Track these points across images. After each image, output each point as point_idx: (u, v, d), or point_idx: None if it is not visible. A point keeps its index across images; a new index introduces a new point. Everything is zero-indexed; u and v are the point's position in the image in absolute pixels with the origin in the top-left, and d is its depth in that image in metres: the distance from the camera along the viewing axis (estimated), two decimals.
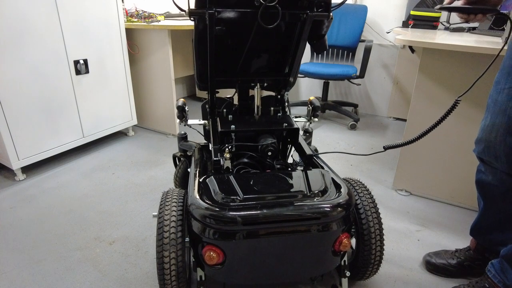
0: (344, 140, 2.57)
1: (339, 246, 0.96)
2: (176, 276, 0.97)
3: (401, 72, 2.84)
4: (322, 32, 1.21)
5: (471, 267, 1.25)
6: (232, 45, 1.23)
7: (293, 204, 0.92)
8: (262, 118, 1.35)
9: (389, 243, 1.45)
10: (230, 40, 1.21)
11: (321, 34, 1.22)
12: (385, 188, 1.89)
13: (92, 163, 2.15)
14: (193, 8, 1.03)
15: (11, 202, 1.73)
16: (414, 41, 1.56)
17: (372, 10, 2.83)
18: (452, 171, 1.64)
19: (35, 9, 1.77)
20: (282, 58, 1.31)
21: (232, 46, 1.23)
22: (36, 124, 1.91)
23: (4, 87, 1.73)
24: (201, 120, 1.51)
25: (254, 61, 1.31)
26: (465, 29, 2.23)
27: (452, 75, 1.52)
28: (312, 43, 1.26)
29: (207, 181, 1.01)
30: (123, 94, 2.40)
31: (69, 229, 1.54)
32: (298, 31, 1.19)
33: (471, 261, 1.25)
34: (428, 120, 1.64)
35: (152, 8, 2.53)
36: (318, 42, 1.25)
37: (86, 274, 1.28)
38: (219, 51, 1.23)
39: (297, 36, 1.21)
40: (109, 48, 2.21)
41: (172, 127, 2.57)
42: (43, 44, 1.84)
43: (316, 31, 1.20)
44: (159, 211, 1.03)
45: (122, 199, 1.77)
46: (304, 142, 1.30)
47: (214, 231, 0.88)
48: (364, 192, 1.14)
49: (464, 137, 1.55)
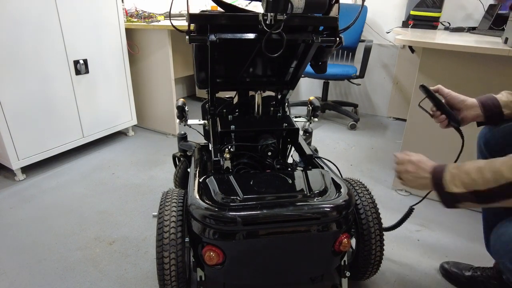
0: (344, 140, 2.57)
1: (339, 246, 0.96)
2: (176, 276, 0.97)
3: (401, 72, 2.84)
4: (325, 58, 1.17)
5: (484, 285, 1.16)
6: (233, 59, 1.22)
7: (293, 204, 0.92)
8: (262, 118, 1.35)
9: (389, 243, 1.45)
10: (231, 55, 1.21)
11: (322, 60, 1.18)
12: (385, 188, 1.89)
13: (92, 163, 2.15)
14: (193, 35, 0.98)
15: (11, 202, 1.73)
16: (414, 41, 1.56)
17: (372, 10, 2.83)
18: None
19: (35, 9, 1.77)
20: (284, 69, 1.30)
21: (233, 60, 1.23)
22: (36, 124, 1.91)
23: (4, 87, 1.73)
24: (201, 120, 1.51)
25: (255, 71, 1.30)
26: (465, 29, 2.23)
27: (452, 75, 1.52)
28: (312, 64, 1.23)
29: (207, 181, 1.01)
30: (123, 94, 2.40)
31: (69, 229, 1.54)
32: (302, 51, 1.17)
33: (487, 279, 1.16)
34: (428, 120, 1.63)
35: (152, 8, 2.52)
36: (318, 65, 1.21)
37: (86, 274, 1.28)
38: (220, 63, 1.23)
39: (301, 56, 1.19)
40: (109, 48, 2.21)
41: (172, 127, 2.57)
42: (43, 44, 1.84)
43: (318, 56, 1.16)
44: (159, 211, 1.03)
45: (122, 199, 1.77)
46: (304, 142, 1.30)
47: (214, 231, 0.88)
48: (364, 192, 1.14)
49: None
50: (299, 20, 0.98)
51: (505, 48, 1.29)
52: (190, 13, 0.95)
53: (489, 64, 1.42)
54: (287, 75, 1.30)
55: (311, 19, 1.00)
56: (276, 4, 0.88)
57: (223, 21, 0.97)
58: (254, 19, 0.94)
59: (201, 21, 0.98)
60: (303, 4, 0.90)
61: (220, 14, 0.97)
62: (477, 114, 0.95)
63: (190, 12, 0.95)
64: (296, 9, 0.90)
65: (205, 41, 0.98)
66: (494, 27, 2.00)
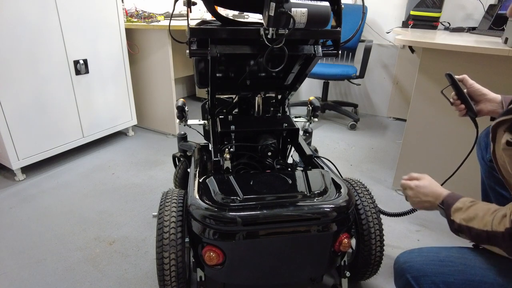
0: (344, 140, 2.57)
1: (339, 246, 0.96)
2: (176, 277, 0.97)
3: (401, 72, 2.84)
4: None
5: None
6: (233, 66, 1.22)
7: (293, 204, 0.92)
8: (262, 118, 1.35)
9: (389, 243, 1.45)
10: (232, 62, 1.21)
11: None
12: (385, 188, 1.89)
13: (92, 163, 2.15)
14: (194, 49, 0.97)
15: (11, 202, 1.73)
16: (414, 41, 1.56)
17: (372, 10, 2.83)
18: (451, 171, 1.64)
19: (35, 9, 1.77)
20: (285, 74, 1.30)
21: (233, 66, 1.23)
22: (36, 124, 1.91)
23: (4, 87, 1.73)
24: (201, 120, 1.51)
25: (255, 76, 1.30)
26: (465, 29, 2.23)
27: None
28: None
29: (207, 182, 1.01)
30: (123, 94, 2.40)
31: (69, 229, 1.54)
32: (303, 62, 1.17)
33: None
34: (428, 120, 1.64)
35: (152, 8, 2.52)
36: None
37: (86, 274, 1.28)
38: (221, 71, 1.23)
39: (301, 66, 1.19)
40: (109, 48, 2.21)
41: (172, 127, 2.57)
42: (43, 44, 1.84)
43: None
44: (159, 211, 1.03)
45: (122, 199, 1.77)
46: (304, 142, 1.30)
47: (214, 231, 0.88)
48: (364, 192, 1.14)
49: (464, 137, 1.55)
50: (301, 34, 0.96)
51: (505, 48, 1.29)
52: (191, 27, 0.94)
53: (489, 64, 1.42)
54: (287, 79, 1.30)
55: (313, 32, 0.99)
56: (278, 20, 0.86)
57: (224, 36, 0.96)
58: (256, 34, 0.92)
59: (202, 35, 0.96)
60: (305, 19, 0.88)
61: (221, 29, 0.96)
62: (493, 109, 0.96)
63: (191, 26, 0.94)
64: (298, 24, 0.88)
65: (205, 55, 0.97)
66: (494, 27, 2.00)
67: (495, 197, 1.00)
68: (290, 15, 0.85)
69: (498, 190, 0.98)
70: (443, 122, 1.57)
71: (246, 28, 0.95)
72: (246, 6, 1.00)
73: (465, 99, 0.97)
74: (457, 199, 0.79)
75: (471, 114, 0.98)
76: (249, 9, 1.00)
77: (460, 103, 0.99)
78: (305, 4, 0.87)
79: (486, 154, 0.99)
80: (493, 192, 1.00)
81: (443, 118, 1.59)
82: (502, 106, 0.95)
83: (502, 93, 0.98)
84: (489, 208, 0.72)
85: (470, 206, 0.75)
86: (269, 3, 0.84)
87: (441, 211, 0.84)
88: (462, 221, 0.75)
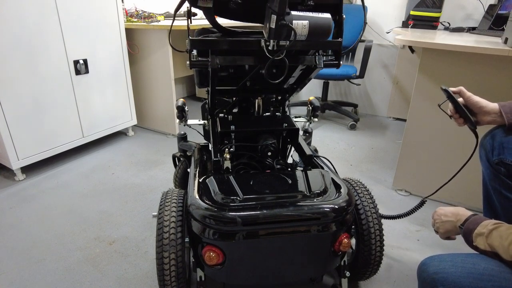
0: (344, 140, 2.57)
1: (339, 246, 0.96)
2: (176, 277, 0.97)
3: (401, 72, 2.84)
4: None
5: None
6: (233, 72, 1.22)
7: (293, 204, 0.92)
8: (262, 118, 1.35)
9: (389, 243, 1.45)
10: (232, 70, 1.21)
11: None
12: (385, 188, 1.89)
13: (91, 163, 2.15)
14: (194, 60, 0.96)
15: (10, 202, 1.73)
16: (414, 41, 1.56)
17: (372, 10, 2.83)
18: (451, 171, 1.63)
19: (35, 9, 1.77)
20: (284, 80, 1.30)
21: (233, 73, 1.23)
22: (36, 124, 1.91)
23: (4, 87, 1.72)
24: (201, 120, 1.51)
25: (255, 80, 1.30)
26: (465, 29, 2.23)
27: (452, 75, 1.52)
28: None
29: (206, 182, 1.01)
30: (123, 94, 2.40)
31: (69, 229, 1.53)
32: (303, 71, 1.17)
33: None
34: (428, 120, 1.64)
35: (152, 8, 2.52)
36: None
37: (86, 274, 1.28)
38: (221, 78, 1.23)
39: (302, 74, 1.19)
40: (109, 48, 2.21)
41: (172, 127, 2.57)
42: (43, 44, 1.84)
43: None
44: (159, 211, 1.03)
45: (122, 199, 1.77)
46: (304, 142, 1.30)
47: (214, 231, 0.88)
48: (364, 192, 1.14)
49: (464, 137, 1.55)
50: (302, 45, 0.95)
51: (505, 48, 1.29)
52: (191, 38, 0.94)
53: (489, 64, 1.42)
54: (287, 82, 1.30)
55: (314, 43, 0.98)
56: (279, 32, 0.85)
57: (225, 47, 0.96)
58: (256, 45, 0.92)
59: (203, 47, 0.96)
60: (306, 31, 0.87)
61: (221, 40, 0.96)
62: (492, 120, 0.96)
63: (191, 38, 0.94)
64: (300, 36, 0.88)
65: (206, 66, 0.97)
66: (494, 27, 2.00)
67: (500, 201, 0.99)
68: (291, 28, 0.84)
69: (504, 193, 0.97)
70: (443, 122, 1.57)
71: (246, 39, 0.95)
72: (246, 17, 1.00)
73: (463, 112, 0.96)
74: (479, 223, 0.77)
75: (470, 126, 0.97)
76: (250, 20, 1.00)
77: (458, 117, 0.99)
78: (306, 17, 0.86)
79: (492, 156, 0.99)
80: (498, 195, 0.99)
81: (443, 118, 1.58)
82: (501, 116, 0.94)
83: (502, 93, 0.98)
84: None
85: (492, 230, 0.74)
86: (270, 16, 0.83)
87: (461, 233, 0.82)
88: (487, 247, 0.74)
